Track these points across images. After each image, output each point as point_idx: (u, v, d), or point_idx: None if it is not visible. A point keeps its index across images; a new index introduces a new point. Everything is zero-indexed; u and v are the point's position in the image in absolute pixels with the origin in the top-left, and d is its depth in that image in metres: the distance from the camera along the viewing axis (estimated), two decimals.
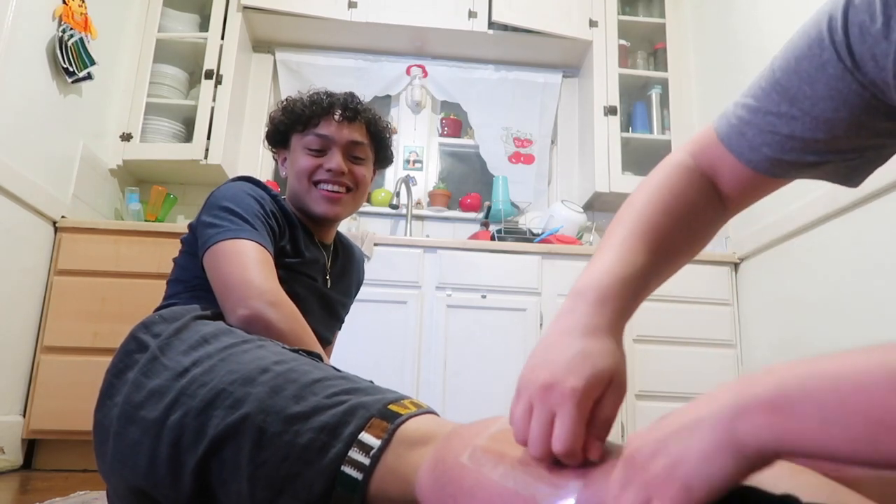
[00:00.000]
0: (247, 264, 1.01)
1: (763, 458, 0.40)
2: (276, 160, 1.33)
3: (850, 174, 0.66)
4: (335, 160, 1.20)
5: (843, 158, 0.63)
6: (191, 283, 1.09)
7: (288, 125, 1.25)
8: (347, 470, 0.67)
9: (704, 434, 0.41)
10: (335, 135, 1.21)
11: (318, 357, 0.93)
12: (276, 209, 1.15)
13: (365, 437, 0.68)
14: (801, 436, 0.38)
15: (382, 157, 1.33)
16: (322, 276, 1.25)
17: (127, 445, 0.80)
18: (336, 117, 1.21)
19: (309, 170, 1.20)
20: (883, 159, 0.64)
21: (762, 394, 0.40)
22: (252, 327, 0.97)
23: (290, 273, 1.13)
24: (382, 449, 0.67)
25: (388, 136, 1.31)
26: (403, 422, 0.69)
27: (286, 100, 1.28)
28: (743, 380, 0.42)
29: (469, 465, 0.58)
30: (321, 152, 1.21)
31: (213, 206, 1.09)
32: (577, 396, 0.52)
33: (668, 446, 0.43)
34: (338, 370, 0.84)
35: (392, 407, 0.71)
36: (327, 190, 1.20)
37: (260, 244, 1.05)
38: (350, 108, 1.23)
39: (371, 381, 0.80)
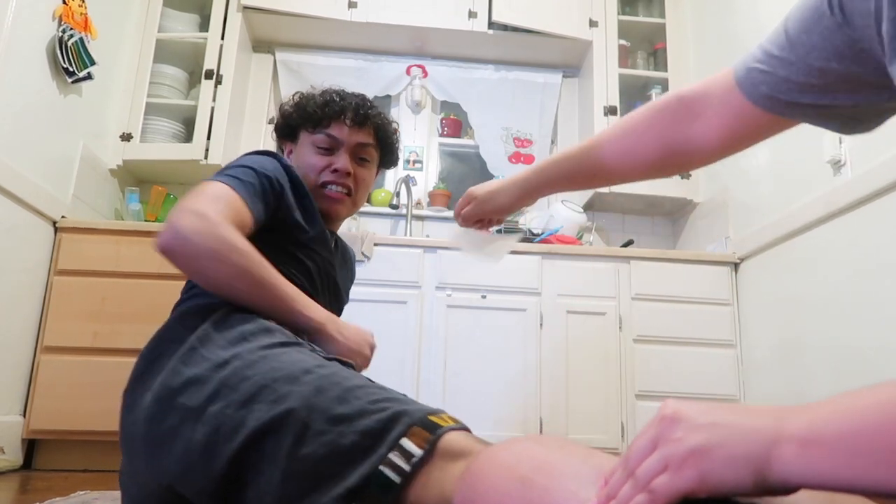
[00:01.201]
0: (199, 197, 0.97)
1: (786, 487, 0.42)
2: (281, 150, 1.34)
3: (861, 118, 0.67)
4: (342, 161, 1.23)
5: (842, 103, 0.65)
6: None
7: (298, 122, 1.27)
8: (386, 470, 0.68)
9: (739, 442, 0.43)
10: (344, 138, 1.24)
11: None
12: (290, 184, 1.14)
13: (406, 443, 0.69)
14: (829, 469, 0.40)
15: (387, 160, 1.36)
16: (332, 260, 1.25)
17: (163, 430, 0.80)
18: (347, 122, 1.24)
19: (318, 168, 1.23)
20: (892, 110, 0.66)
21: (796, 430, 0.42)
22: (167, 251, 0.93)
23: (304, 250, 1.13)
24: (425, 459, 0.68)
25: (395, 141, 1.34)
26: (444, 433, 0.70)
27: (300, 95, 1.30)
28: (786, 410, 0.44)
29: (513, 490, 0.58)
30: (329, 151, 1.24)
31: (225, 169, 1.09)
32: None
33: (705, 431, 0.45)
34: (371, 381, 0.84)
35: (432, 418, 0.72)
36: (332, 191, 1.23)
37: (233, 189, 1.01)
38: (361, 114, 1.25)
39: (404, 395, 0.81)
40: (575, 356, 2.48)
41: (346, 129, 1.24)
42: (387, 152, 1.34)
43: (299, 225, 1.13)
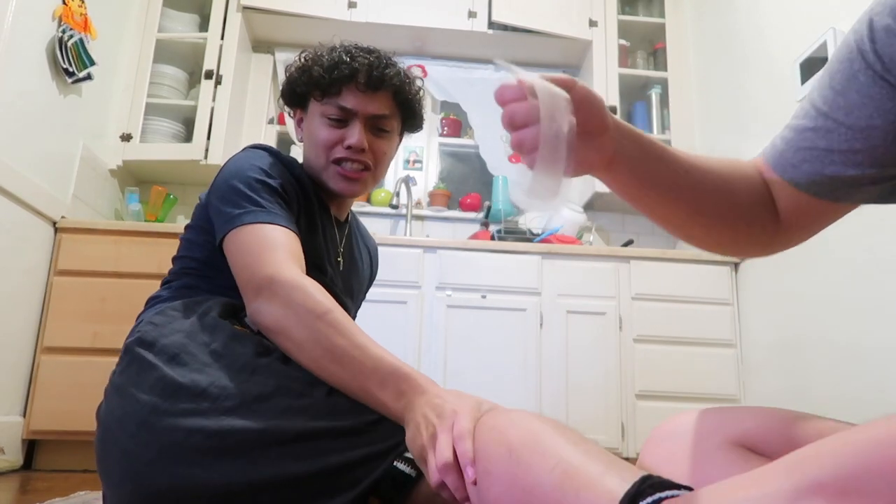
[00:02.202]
0: (260, 251, 0.92)
1: None
2: (291, 117, 1.21)
3: None
4: (355, 135, 1.08)
5: (887, 173, 0.63)
6: (201, 260, 1.04)
7: (305, 89, 1.13)
8: (400, 466, 0.74)
9: None
10: (357, 108, 1.09)
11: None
12: (296, 187, 1.07)
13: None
14: None
15: (411, 124, 1.22)
16: (332, 258, 1.17)
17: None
18: (359, 87, 1.09)
19: (329, 143, 1.10)
20: None
21: (823, 477, 0.37)
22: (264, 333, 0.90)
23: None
24: None
25: (417, 102, 1.20)
26: None
27: (305, 58, 1.14)
28: (789, 461, 0.41)
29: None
30: (342, 122, 1.10)
31: (224, 184, 1.01)
32: None
33: None
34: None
35: None
36: (346, 169, 1.10)
37: (281, 226, 0.96)
38: (375, 77, 1.09)
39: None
40: (575, 356, 2.48)
41: (358, 97, 1.09)
42: (409, 117, 1.19)
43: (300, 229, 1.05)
